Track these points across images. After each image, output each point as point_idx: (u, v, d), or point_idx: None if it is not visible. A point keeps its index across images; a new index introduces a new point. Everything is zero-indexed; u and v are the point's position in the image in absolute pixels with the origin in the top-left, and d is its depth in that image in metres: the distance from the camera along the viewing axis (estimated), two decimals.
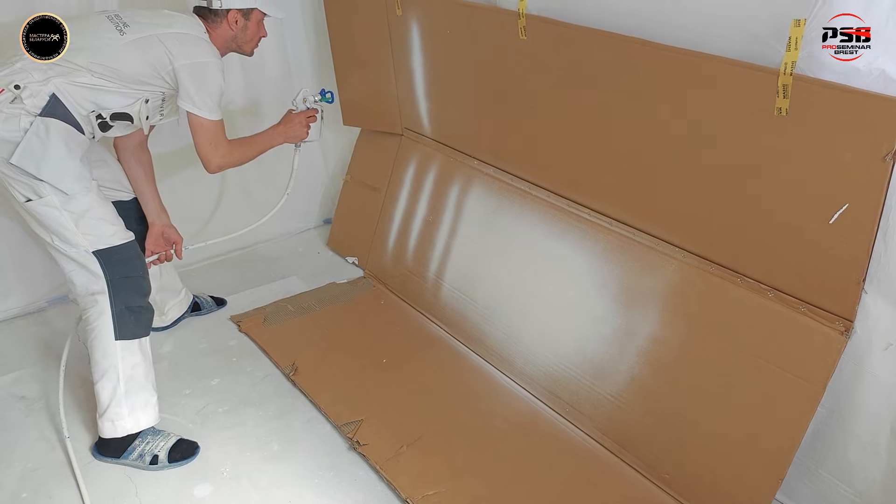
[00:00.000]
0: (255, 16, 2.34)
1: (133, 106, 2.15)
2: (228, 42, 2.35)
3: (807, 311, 1.81)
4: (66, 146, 2.02)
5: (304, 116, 2.53)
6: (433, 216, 2.86)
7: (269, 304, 2.93)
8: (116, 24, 2.12)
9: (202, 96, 2.16)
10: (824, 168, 1.65)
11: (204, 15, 2.30)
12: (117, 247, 2.11)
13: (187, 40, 2.17)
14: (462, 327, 2.68)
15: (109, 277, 2.10)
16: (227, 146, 2.27)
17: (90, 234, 2.06)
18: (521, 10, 2.24)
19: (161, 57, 2.12)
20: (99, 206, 2.09)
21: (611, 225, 2.25)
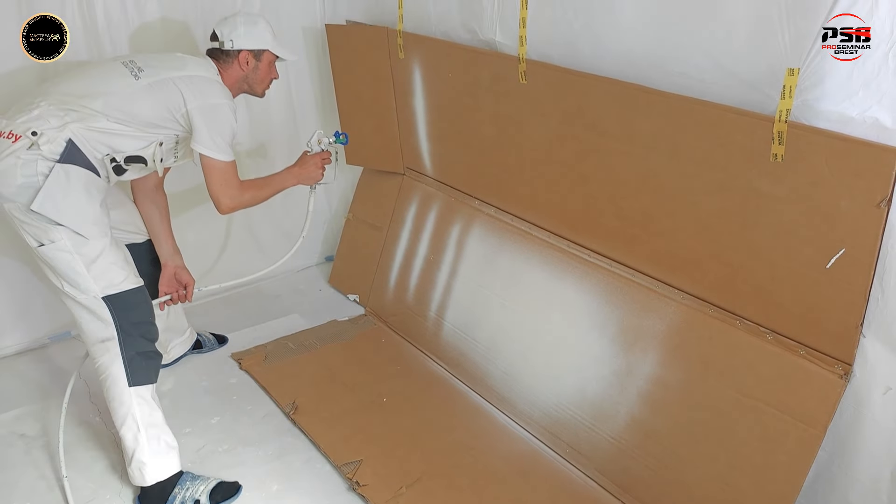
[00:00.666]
0: (266, 57, 2.39)
1: (147, 149, 2.18)
2: (240, 83, 2.40)
3: (806, 355, 1.82)
4: (87, 192, 2.05)
5: (320, 158, 2.55)
6: (434, 255, 2.88)
7: (271, 342, 2.94)
8: (131, 69, 2.17)
9: (214, 137, 2.19)
10: (820, 213, 1.67)
11: (216, 56, 2.36)
12: (127, 292, 2.11)
13: (200, 82, 2.21)
14: (463, 366, 2.68)
15: (119, 324, 2.10)
16: (240, 187, 2.30)
17: (101, 279, 2.07)
18: (522, 56, 2.28)
19: (175, 100, 2.16)
20: (111, 251, 2.10)
21: (611, 266, 2.27)
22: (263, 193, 2.41)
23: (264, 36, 2.38)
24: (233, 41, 2.33)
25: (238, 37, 2.33)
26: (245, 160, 3.19)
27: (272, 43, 2.40)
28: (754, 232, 1.83)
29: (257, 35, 2.37)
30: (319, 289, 3.41)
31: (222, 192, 2.25)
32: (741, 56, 1.74)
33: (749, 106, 1.75)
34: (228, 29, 2.35)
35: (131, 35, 2.76)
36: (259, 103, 2.87)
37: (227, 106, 2.23)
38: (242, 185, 2.31)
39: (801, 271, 1.76)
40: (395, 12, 2.79)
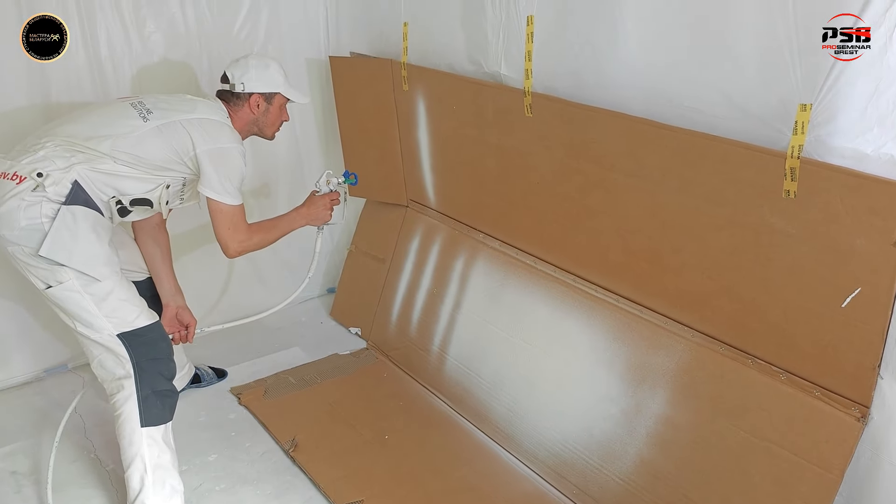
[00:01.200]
0: (277, 100, 2.37)
1: (154, 192, 2.15)
2: (250, 125, 2.38)
3: (821, 396, 1.77)
4: (95, 233, 2.02)
5: (328, 199, 2.53)
6: (438, 288, 2.84)
7: (271, 376, 2.89)
8: (140, 110, 2.14)
9: (223, 181, 2.16)
10: (835, 251, 1.63)
11: (226, 98, 2.33)
12: (142, 328, 2.08)
13: (209, 125, 2.19)
14: (466, 402, 2.63)
15: (136, 360, 2.06)
16: (247, 230, 2.27)
17: (113, 316, 2.03)
18: (527, 89, 2.27)
19: (184, 143, 2.13)
20: (122, 289, 2.07)
21: (618, 302, 2.23)
22: (272, 236, 2.38)
23: (276, 79, 2.36)
24: (244, 84, 2.31)
25: (249, 80, 2.31)
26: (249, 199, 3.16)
27: (284, 86, 2.37)
28: (766, 269, 1.79)
29: (269, 78, 2.34)
30: (321, 321, 3.37)
31: (230, 236, 2.22)
32: (752, 91, 1.72)
33: (760, 141, 1.72)
34: (240, 71, 2.32)
35: (137, 72, 2.75)
36: (262, 140, 2.84)
37: (237, 150, 2.21)
38: (250, 229, 2.29)
39: (815, 310, 1.72)
40: (399, 44, 2.79)
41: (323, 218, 2.53)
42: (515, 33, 2.28)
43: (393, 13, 2.79)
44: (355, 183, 2.61)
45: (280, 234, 2.41)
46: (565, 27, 2.13)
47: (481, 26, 2.42)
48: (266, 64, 2.36)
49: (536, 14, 2.19)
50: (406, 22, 2.73)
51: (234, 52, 2.89)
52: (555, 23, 2.16)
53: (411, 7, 2.71)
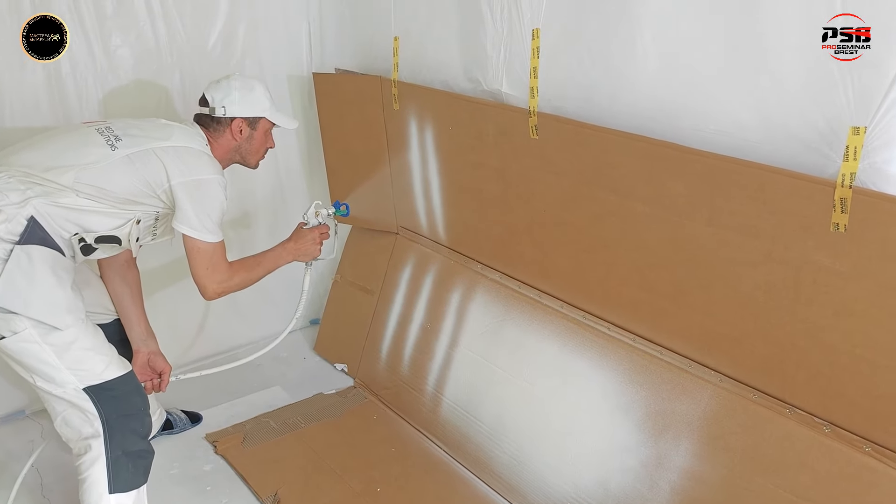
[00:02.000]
0: (262, 125, 2.17)
1: (122, 228, 1.92)
2: (231, 153, 2.17)
3: (872, 452, 1.58)
4: (55, 275, 1.78)
5: (318, 232, 2.34)
6: (432, 323, 2.63)
7: (250, 420, 2.65)
8: (107, 137, 1.92)
9: (200, 217, 1.94)
10: (893, 292, 1.45)
11: (205, 123, 2.12)
12: (113, 381, 1.85)
13: (186, 154, 1.97)
14: (464, 449, 2.40)
15: (105, 417, 1.84)
16: (228, 270, 2.06)
17: (78, 369, 1.81)
18: (533, 108, 2.07)
19: (157, 174, 1.92)
20: (87, 336, 1.84)
21: (634, 342, 2.03)
22: (255, 275, 2.17)
23: (261, 102, 2.15)
24: (225, 108, 2.09)
25: (231, 103, 2.10)
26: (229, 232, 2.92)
27: (270, 110, 2.17)
28: (809, 310, 1.60)
29: (253, 101, 2.13)
30: (304, 357, 3.13)
31: (208, 276, 2.02)
32: (793, 111, 1.53)
33: (803, 168, 1.53)
34: (221, 94, 2.10)
35: (102, 90, 2.50)
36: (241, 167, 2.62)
37: (217, 181, 2.00)
38: (231, 268, 2.08)
39: (867, 356, 1.53)
40: (389, 60, 2.58)
41: (312, 253, 2.35)
42: (519, 48, 2.09)
43: (382, 27, 2.59)
44: (346, 214, 2.44)
45: (264, 272, 2.21)
46: (575, 41, 1.94)
47: (480, 40, 2.22)
48: (250, 86, 2.14)
49: (543, 27, 2.00)
50: (397, 36, 2.53)
51: (208, 68, 2.69)
52: (563, 36, 1.97)
53: (402, 20, 2.51)
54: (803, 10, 1.45)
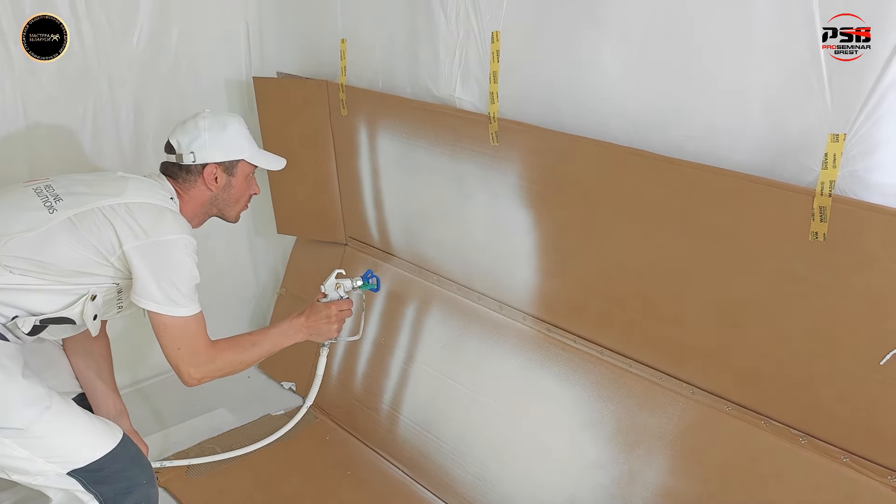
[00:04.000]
0: (241, 169, 1.87)
1: (73, 307, 1.64)
2: (207, 206, 1.87)
3: (850, 462, 1.55)
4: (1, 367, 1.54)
5: (336, 309, 1.95)
6: (386, 338, 2.51)
7: (193, 447, 2.47)
8: (46, 198, 1.63)
9: (162, 286, 1.62)
10: (873, 301, 1.42)
11: (174, 174, 1.83)
12: (100, 460, 1.62)
13: (142, 212, 1.66)
14: (425, 469, 2.30)
15: (102, 498, 1.63)
16: (209, 350, 1.71)
17: (55, 457, 1.58)
18: (493, 115, 1.99)
19: (106, 238, 1.61)
20: (59, 419, 1.59)
21: (601, 354, 1.97)
22: (248, 357, 1.80)
23: (238, 142, 1.84)
24: (194, 154, 1.78)
25: (201, 147, 1.79)
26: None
27: (249, 150, 1.86)
28: (786, 321, 1.56)
29: (228, 141, 1.82)
30: (248, 375, 2.96)
31: (182, 359, 1.68)
32: (769, 118, 1.49)
33: (779, 176, 1.49)
34: (188, 137, 1.80)
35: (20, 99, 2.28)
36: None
37: (182, 242, 1.67)
38: (214, 348, 1.73)
39: (846, 367, 1.50)
40: (335, 64, 2.46)
41: (327, 333, 1.96)
42: (476, 52, 2.00)
43: (327, 28, 2.46)
44: (377, 289, 2.06)
45: (263, 353, 1.85)
46: (537, 45, 1.86)
47: (432, 44, 2.13)
48: (222, 124, 1.82)
49: (503, 30, 1.91)
50: (344, 39, 2.41)
51: (139, 73, 2.51)
52: (524, 41, 1.89)
53: (349, 22, 2.39)
54: (781, 14, 1.41)
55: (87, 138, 2.46)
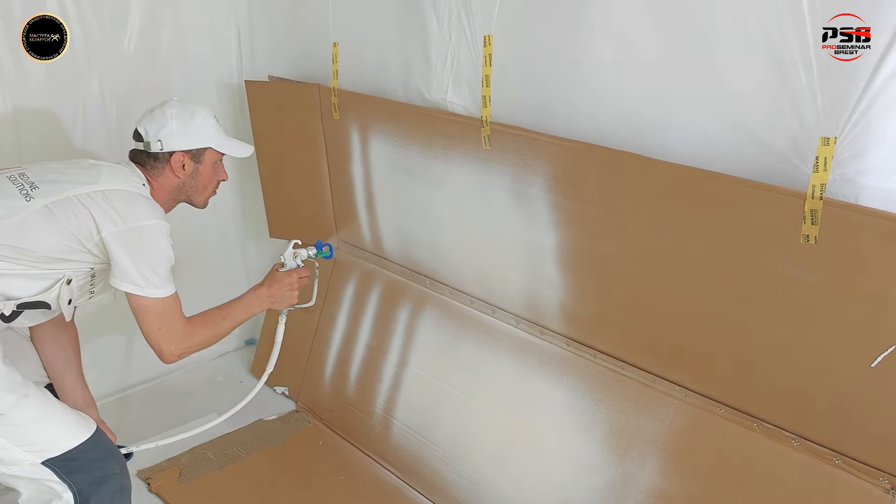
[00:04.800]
0: (208, 157, 1.90)
1: (50, 291, 1.68)
2: (175, 193, 1.91)
3: (842, 464, 1.56)
4: None
5: (296, 276, 2.04)
6: (378, 342, 2.51)
7: (186, 453, 2.47)
8: (21, 185, 1.65)
9: (141, 270, 1.67)
10: (864, 304, 1.43)
11: (142, 161, 1.86)
12: (76, 450, 1.63)
13: (118, 199, 1.69)
14: (419, 473, 2.30)
15: (76, 489, 1.63)
16: (185, 328, 1.77)
17: (31, 445, 1.59)
18: (485, 118, 1.99)
19: (84, 225, 1.65)
20: (37, 406, 1.62)
21: (594, 357, 1.97)
22: (221, 329, 1.87)
23: (204, 130, 1.88)
24: (161, 142, 1.82)
25: (168, 135, 1.83)
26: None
27: (216, 137, 1.90)
28: (778, 323, 1.57)
29: (195, 130, 1.86)
30: (240, 380, 2.96)
31: (163, 337, 1.73)
32: (760, 120, 1.50)
33: (772, 179, 1.50)
34: (155, 125, 1.83)
35: (11, 103, 2.28)
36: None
37: (156, 227, 1.72)
38: (191, 324, 1.79)
39: (837, 369, 1.51)
40: (327, 67, 2.46)
41: (288, 300, 2.04)
42: (468, 55, 2.00)
43: (319, 32, 2.46)
44: (330, 256, 2.15)
45: (233, 325, 1.91)
46: (529, 49, 1.86)
47: (424, 47, 2.13)
48: (189, 112, 1.86)
49: (495, 34, 1.92)
50: (336, 42, 2.41)
51: (130, 76, 2.50)
52: (516, 45, 1.89)
53: (341, 25, 2.39)
54: (773, 18, 1.42)
55: (77, 140, 2.45)
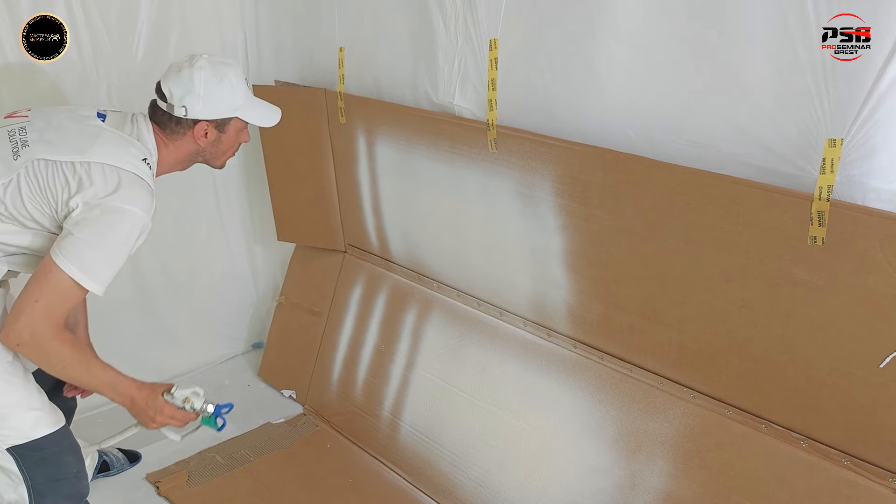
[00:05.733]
0: (233, 125, 1.79)
1: (33, 242, 1.63)
2: (192, 156, 1.80)
3: (851, 465, 1.56)
4: None
5: (168, 415, 1.74)
6: (386, 345, 2.52)
7: (194, 456, 2.47)
8: (15, 143, 1.58)
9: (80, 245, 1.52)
10: (872, 305, 1.43)
11: (160, 121, 1.73)
12: (41, 440, 1.62)
13: (100, 175, 1.57)
14: (427, 476, 2.30)
15: (32, 483, 1.62)
16: (56, 328, 1.53)
17: (1, 427, 1.59)
18: (491, 122, 2.00)
19: (59, 191, 1.56)
20: (13, 390, 1.59)
21: (602, 360, 1.98)
22: (74, 372, 1.61)
23: (233, 98, 1.74)
24: (186, 108, 1.69)
25: (194, 101, 1.69)
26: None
27: (243, 107, 1.77)
28: (786, 325, 1.57)
29: (222, 98, 1.72)
30: (248, 384, 2.97)
31: (28, 313, 1.50)
32: (767, 123, 1.50)
33: (779, 180, 1.51)
34: (181, 89, 1.69)
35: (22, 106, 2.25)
36: (169, 177, 2.39)
37: (129, 215, 1.56)
38: (62, 332, 1.56)
39: (845, 370, 1.51)
40: (333, 72, 2.47)
41: (144, 423, 1.75)
42: (474, 59, 2.01)
43: (325, 37, 2.47)
44: (220, 429, 1.87)
45: (87, 383, 1.68)
46: (536, 52, 1.87)
47: (431, 51, 2.14)
48: (219, 76, 1.70)
49: (501, 37, 1.93)
50: (342, 47, 2.42)
51: (137, 81, 2.50)
52: (522, 47, 1.90)
53: (347, 30, 2.40)
54: (779, 19, 1.42)
55: None
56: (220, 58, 1.76)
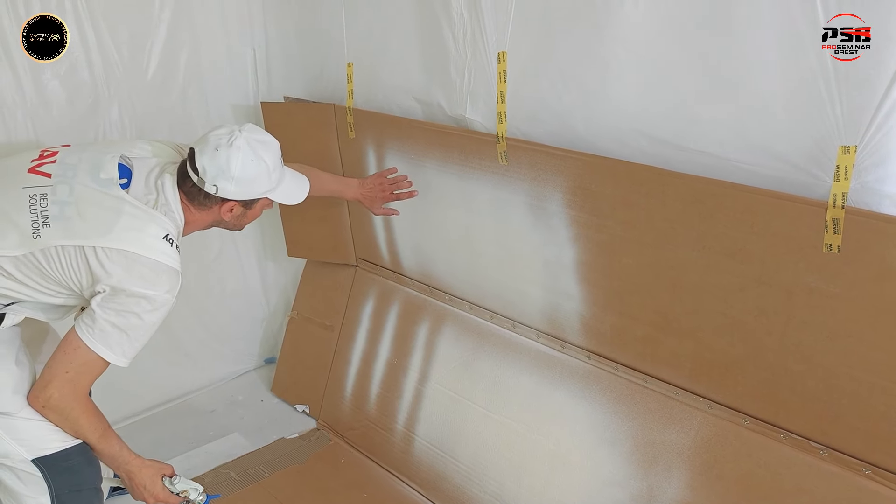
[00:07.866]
0: (261, 202, 1.81)
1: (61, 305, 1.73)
2: (213, 224, 1.82)
3: (872, 475, 1.54)
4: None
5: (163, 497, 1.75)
6: (399, 359, 2.51)
7: (208, 472, 2.47)
8: (36, 216, 1.56)
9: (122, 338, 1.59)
10: (889, 312, 1.42)
11: (190, 193, 1.70)
12: (66, 451, 1.65)
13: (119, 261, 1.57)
14: (441, 489, 2.29)
15: (56, 493, 1.64)
16: (81, 398, 1.63)
17: (26, 439, 1.61)
18: (501, 134, 2.00)
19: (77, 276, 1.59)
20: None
21: (616, 371, 1.97)
22: (90, 437, 1.66)
23: (266, 182, 1.74)
24: (217, 187, 1.66)
25: (227, 184, 1.66)
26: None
27: (275, 188, 1.78)
28: (802, 333, 1.56)
29: (256, 180, 1.71)
30: (261, 399, 2.97)
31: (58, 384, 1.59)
32: (779, 131, 1.50)
33: (792, 189, 1.50)
34: (215, 169, 1.64)
35: (34, 126, 2.30)
36: None
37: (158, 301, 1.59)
38: (86, 402, 1.66)
39: (865, 379, 1.50)
40: (342, 87, 2.48)
41: (135, 496, 1.77)
42: (484, 72, 2.02)
43: (334, 52, 2.48)
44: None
45: (98, 449, 1.70)
46: (545, 64, 1.87)
47: (442, 65, 2.14)
48: (256, 158, 1.68)
49: (510, 50, 1.93)
50: (350, 62, 2.43)
51: (148, 99, 2.53)
52: (532, 60, 1.90)
53: (356, 45, 2.41)
54: (790, 27, 1.42)
55: None
56: (259, 135, 1.73)
